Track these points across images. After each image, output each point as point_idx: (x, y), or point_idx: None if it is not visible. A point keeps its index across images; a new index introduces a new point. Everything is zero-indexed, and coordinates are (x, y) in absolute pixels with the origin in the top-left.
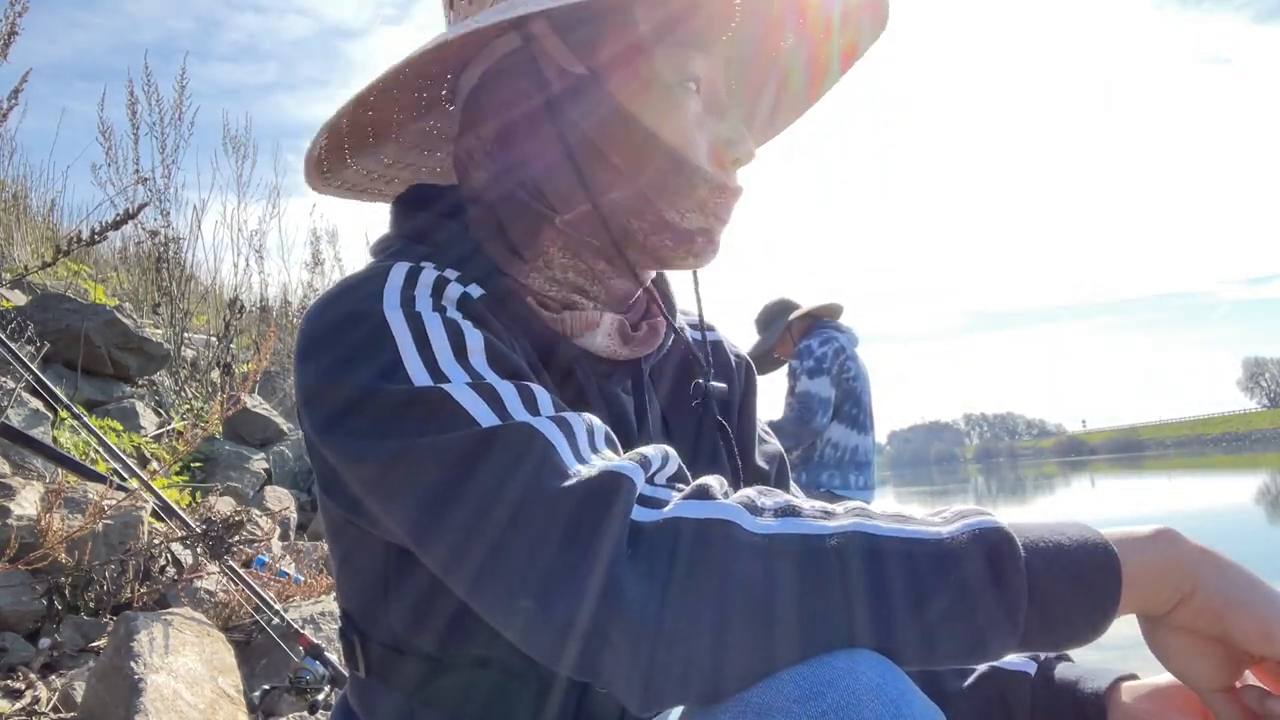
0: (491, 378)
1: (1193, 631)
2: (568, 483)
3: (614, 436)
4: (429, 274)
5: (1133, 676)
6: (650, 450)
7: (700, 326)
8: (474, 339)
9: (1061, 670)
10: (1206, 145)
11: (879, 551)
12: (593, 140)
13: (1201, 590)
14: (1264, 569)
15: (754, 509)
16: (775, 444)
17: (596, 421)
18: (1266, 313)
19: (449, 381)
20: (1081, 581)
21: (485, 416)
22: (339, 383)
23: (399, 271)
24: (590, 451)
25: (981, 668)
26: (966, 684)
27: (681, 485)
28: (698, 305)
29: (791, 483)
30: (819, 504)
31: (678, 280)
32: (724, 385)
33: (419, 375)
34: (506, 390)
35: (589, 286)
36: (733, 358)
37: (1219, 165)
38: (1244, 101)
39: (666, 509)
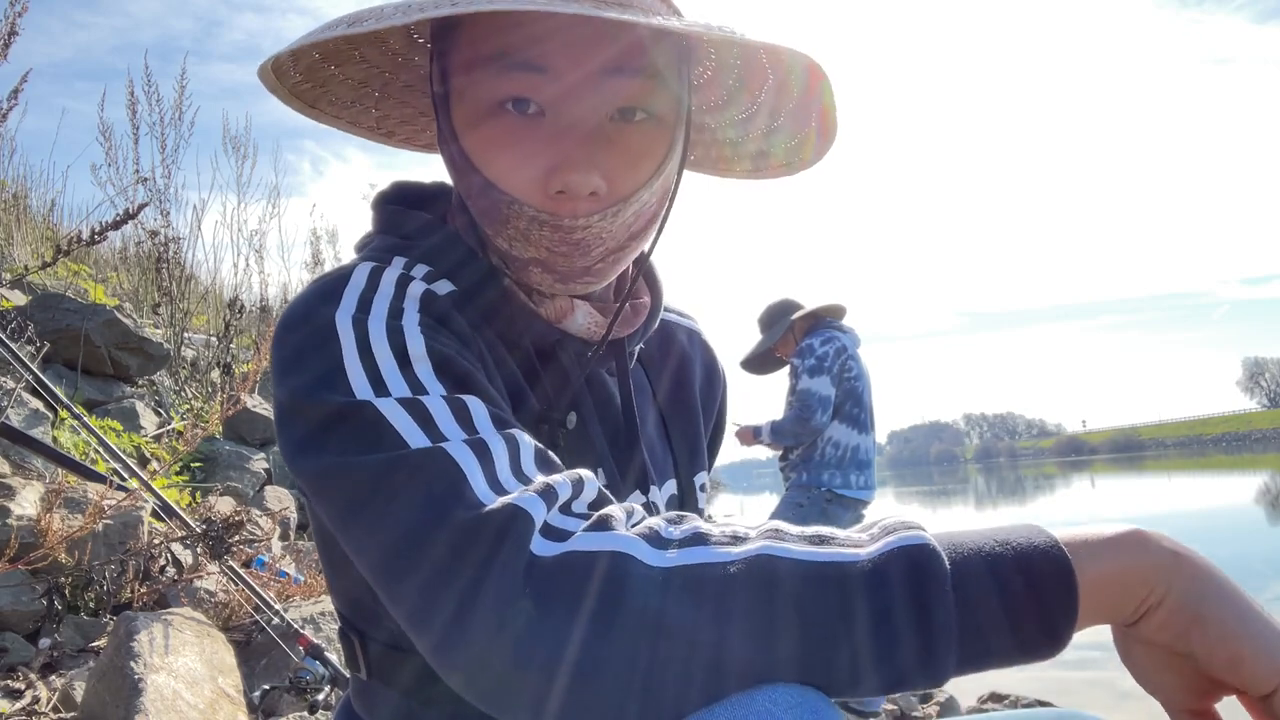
0: (432, 389)
1: (1159, 645)
2: (466, 515)
3: (550, 455)
4: (392, 272)
5: None
6: (559, 478)
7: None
8: (417, 345)
9: None
10: (1206, 145)
11: (781, 580)
12: (447, 166)
13: (1170, 600)
14: (1264, 569)
15: (657, 540)
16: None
17: (526, 440)
18: (1266, 313)
19: (387, 395)
20: (1027, 598)
21: (413, 436)
22: (287, 388)
23: (361, 272)
24: (511, 476)
25: None
26: None
27: (598, 511)
28: (626, 293)
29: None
30: (732, 529)
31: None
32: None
33: (359, 386)
34: (438, 407)
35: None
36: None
37: (1219, 165)
38: (1244, 102)
39: (567, 541)
